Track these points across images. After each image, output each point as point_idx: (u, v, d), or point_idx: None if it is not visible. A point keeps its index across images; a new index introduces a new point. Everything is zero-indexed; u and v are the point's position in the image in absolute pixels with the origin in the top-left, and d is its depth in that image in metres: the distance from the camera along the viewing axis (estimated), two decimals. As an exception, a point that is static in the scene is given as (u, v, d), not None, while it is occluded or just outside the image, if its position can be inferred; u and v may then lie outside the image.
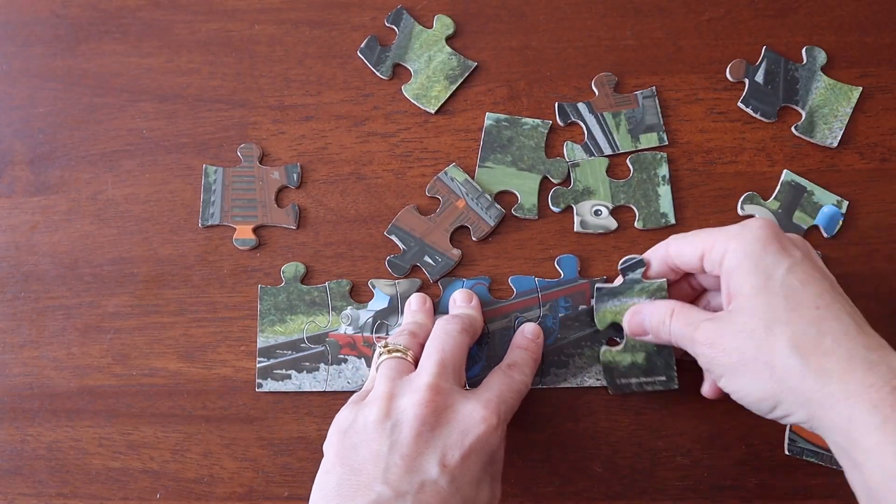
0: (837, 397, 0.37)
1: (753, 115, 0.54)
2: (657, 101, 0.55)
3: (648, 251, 0.48)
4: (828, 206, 0.53)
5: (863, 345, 0.38)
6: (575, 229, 0.54)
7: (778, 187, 0.53)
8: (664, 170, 0.54)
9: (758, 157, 0.54)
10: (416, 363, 0.45)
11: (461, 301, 0.50)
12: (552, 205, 0.54)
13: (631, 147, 0.54)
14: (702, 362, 0.43)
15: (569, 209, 0.54)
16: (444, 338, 0.45)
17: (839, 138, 0.54)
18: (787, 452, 0.50)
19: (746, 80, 0.55)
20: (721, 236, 0.43)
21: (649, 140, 0.54)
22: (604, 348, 0.49)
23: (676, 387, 0.48)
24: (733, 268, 0.42)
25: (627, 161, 0.54)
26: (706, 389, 0.47)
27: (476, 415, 0.41)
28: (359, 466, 0.40)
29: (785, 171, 0.53)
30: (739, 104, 0.55)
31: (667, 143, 0.54)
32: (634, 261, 0.48)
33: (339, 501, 0.39)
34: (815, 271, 0.41)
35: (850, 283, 0.51)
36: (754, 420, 0.50)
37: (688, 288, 0.48)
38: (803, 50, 0.55)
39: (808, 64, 0.55)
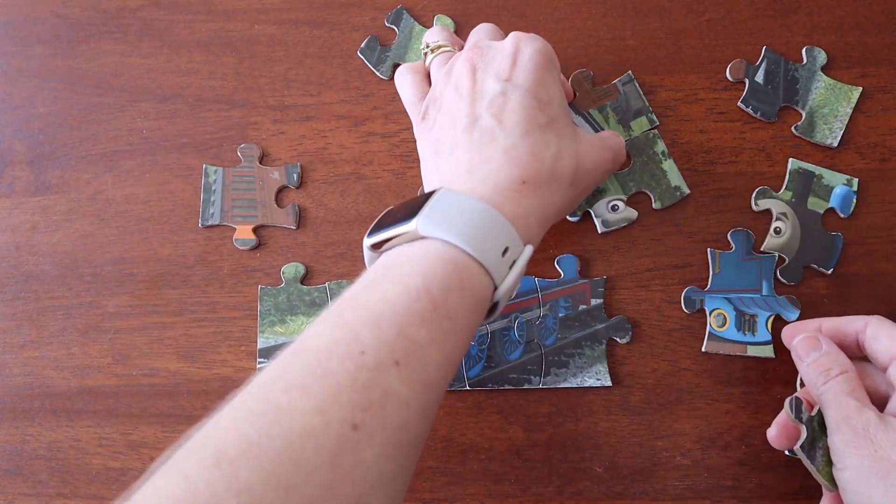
0: None
1: (753, 115, 0.54)
2: (637, 85, 0.55)
3: (828, 320, 0.44)
4: (839, 186, 0.53)
5: None
6: (599, 231, 0.53)
7: (787, 177, 0.53)
8: (661, 145, 0.54)
9: (758, 157, 0.54)
10: None
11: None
12: (569, 215, 0.54)
13: (625, 136, 0.54)
14: (839, 445, 0.39)
15: (587, 215, 0.54)
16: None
17: (839, 138, 0.54)
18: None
19: (746, 81, 0.55)
20: None
21: (640, 125, 0.54)
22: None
23: None
24: None
25: None
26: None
27: (510, 36, 0.46)
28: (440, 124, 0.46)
29: (790, 159, 0.53)
30: (739, 104, 0.55)
31: (657, 123, 0.54)
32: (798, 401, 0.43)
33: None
34: None
35: (849, 283, 0.52)
36: (754, 420, 0.50)
37: None
38: (803, 50, 0.55)
39: (808, 64, 0.55)
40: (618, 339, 0.52)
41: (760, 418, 0.50)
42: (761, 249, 0.52)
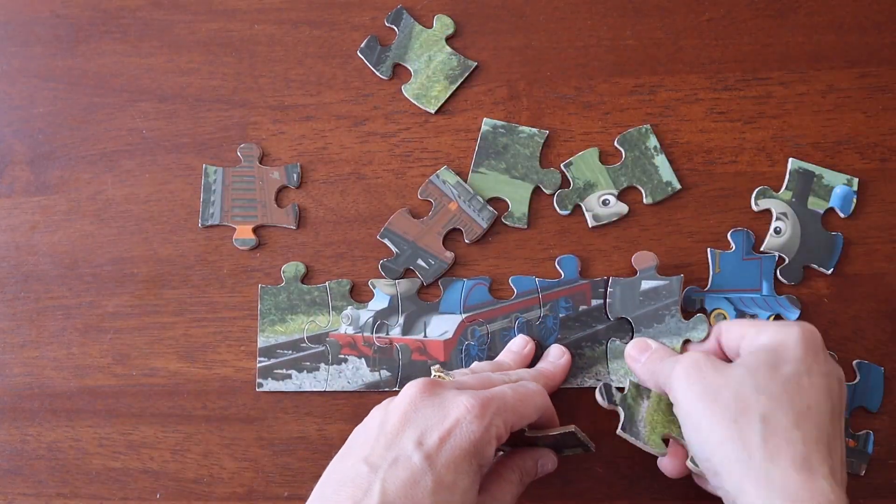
0: (773, 483, 0.38)
1: None
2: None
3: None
4: (839, 186, 0.53)
5: (820, 459, 0.39)
6: (590, 225, 0.53)
7: (787, 177, 0.53)
8: (653, 141, 0.54)
9: (758, 157, 0.54)
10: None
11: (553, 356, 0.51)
12: (560, 208, 0.54)
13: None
14: (674, 382, 0.44)
15: (577, 209, 0.54)
16: (517, 386, 0.44)
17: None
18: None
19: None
20: (771, 326, 0.45)
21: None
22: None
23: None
24: (759, 340, 0.44)
25: (615, 144, 0.54)
26: (668, 464, 0.46)
27: (461, 401, 0.40)
28: (351, 450, 0.41)
29: (790, 159, 0.53)
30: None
31: (590, 446, 0.47)
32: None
33: (328, 484, 0.40)
34: (825, 389, 0.42)
35: (850, 284, 0.52)
36: (754, 420, 0.50)
37: None
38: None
39: None
40: (618, 340, 0.52)
41: (760, 418, 0.50)
42: (761, 249, 0.52)
